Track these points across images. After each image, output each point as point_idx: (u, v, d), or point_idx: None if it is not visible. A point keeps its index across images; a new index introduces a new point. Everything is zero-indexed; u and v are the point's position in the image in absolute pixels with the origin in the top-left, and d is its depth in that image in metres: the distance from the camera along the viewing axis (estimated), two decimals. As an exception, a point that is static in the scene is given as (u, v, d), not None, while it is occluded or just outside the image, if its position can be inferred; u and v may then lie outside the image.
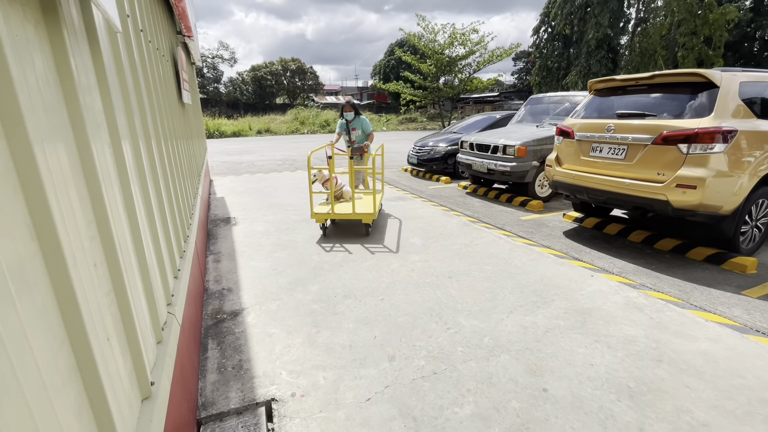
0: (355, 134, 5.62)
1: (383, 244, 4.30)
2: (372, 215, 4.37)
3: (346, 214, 4.38)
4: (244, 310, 2.97)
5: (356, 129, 5.59)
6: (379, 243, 4.35)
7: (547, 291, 3.17)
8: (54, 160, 0.73)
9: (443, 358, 2.35)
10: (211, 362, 2.35)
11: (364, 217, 4.41)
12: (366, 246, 4.25)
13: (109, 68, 1.19)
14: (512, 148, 5.92)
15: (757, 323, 2.73)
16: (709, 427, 1.81)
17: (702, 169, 3.38)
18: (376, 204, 4.44)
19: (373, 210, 4.40)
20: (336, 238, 4.55)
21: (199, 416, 1.94)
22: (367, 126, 5.62)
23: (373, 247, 4.23)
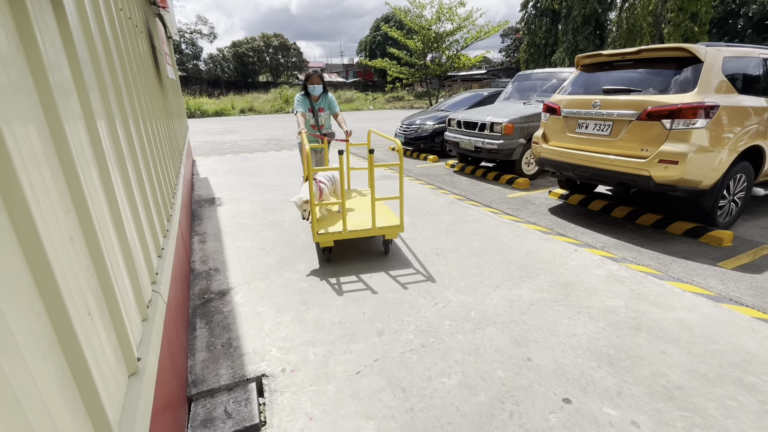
0: (323, 116, 4.30)
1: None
2: (399, 227, 3.27)
3: (364, 230, 3.20)
4: (232, 289, 2.95)
5: (323, 109, 4.24)
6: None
7: (532, 266, 3.24)
8: (20, 129, 0.69)
9: (431, 332, 2.39)
10: (200, 341, 2.35)
11: (388, 232, 3.28)
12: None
13: (79, 40, 1.12)
14: (499, 126, 5.91)
15: (731, 293, 2.85)
16: (683, 389, 1.91)
17: (684, 144, 3.43)
18: (402, 210, 3.28)
19: (399, 221, 3.27)
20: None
21: (190, 393, 1.95)
22: (335, 106, 4.27)
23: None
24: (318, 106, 4.19)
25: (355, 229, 3.17)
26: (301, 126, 3.87)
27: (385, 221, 3.30)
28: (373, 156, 2.82)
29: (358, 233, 3.17)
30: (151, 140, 2.23)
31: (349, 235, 3.13)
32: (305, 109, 4.11)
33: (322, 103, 4.24)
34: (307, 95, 4.13)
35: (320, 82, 4.10)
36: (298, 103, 4.11)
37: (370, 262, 3.34)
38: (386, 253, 3.45)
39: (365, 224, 3.24)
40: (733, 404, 1.81)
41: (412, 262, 3.35)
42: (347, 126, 4.10)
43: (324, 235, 3.11)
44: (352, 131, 4.06)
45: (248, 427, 1.74)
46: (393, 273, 3.14)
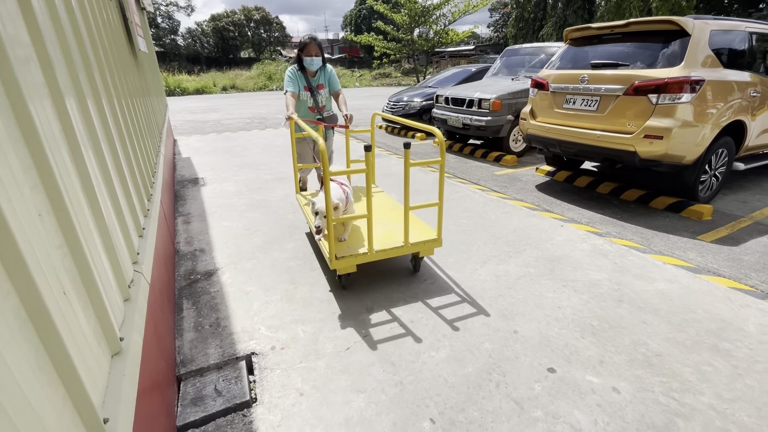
0: (323, 95, 3.43)
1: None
2: (436, 241, 2.60)
3: (394, 248, 2.49)
4: (219, 269, 2.91)
5: (323, 86, 3.41)
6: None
7: (519, 242, 3.27)
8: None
9: (420, 308, 2.41)
10: (188, 321, 2.33)
11: (423, 248, 2.59)
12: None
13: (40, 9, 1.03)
14: (487, 102, 5.85)
15: (709, 264, 2.94)
16: (661, 356, 1.98)
17: (669, 119, 3.45)
18: (441, 219, 2.55)
19: (437, 233, 2.59)
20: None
21: (179, 373, 1.94)
22: (336, 82, 3.48)
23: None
24: (316, 82, 3.38)
25: (383, 248, 2.44)
26: (291, 110, 3.06)
27: (418, 235, 2.60)
28: (410, 152, 2.20)
29: (387, 253, 2.44)
30: (126, 117, 2.13)
31: (377, 257, 2.42)
32: (299, 87, 3.32)
33: (321, 78, 3.40)
34: (302, 70, 3.34)
35: (319, 53, 3.28)
36: (290, 80, 3.28)
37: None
38: (416, 271, 2.79)
39: (394, 240, 2.53)
40: (708, 369, 1.89)
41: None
42: (347, 109, 3.33)
43: (345, 259, 2.36)
44: (353, 116, 3.30)
45: (239, 404, 1.75)
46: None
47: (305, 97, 3.39)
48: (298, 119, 2.91)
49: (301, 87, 3.35)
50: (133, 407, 0.99)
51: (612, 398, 1.74)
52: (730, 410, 1.66)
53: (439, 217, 2.53)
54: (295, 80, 3.32)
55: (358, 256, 2.39)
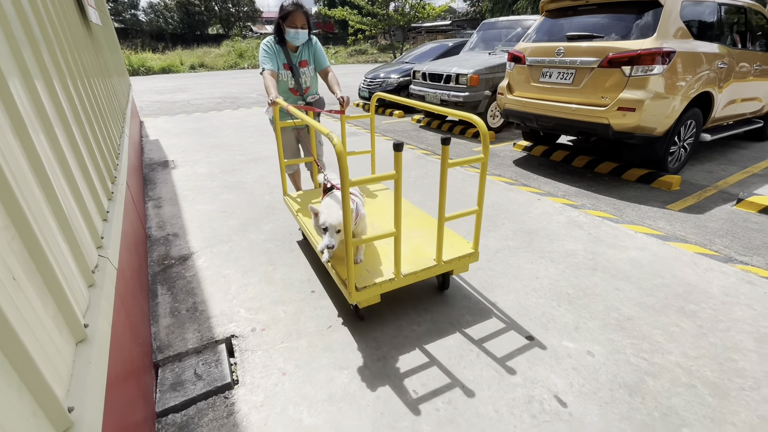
0: (307, 74, 2.88)
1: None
2: (472, 256, 2.15)
3: (426, 270, 2.01)
4: (194, 253, 2.83)
5: (307, 62, 2.85)
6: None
7: (497, 215, 3.31)
8: None
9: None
10: (163, 307, 2.26)
11: (458, 266, 2.13)
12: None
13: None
14: (465, 77, 5.79)
15: (677, 232, 3.05)
16: (633, 320, 2.06)
17: (641, 91, 3.50)
18: (479, 227, 2.10)
19: (473, 246, 2.15)
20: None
21: (156, 359, 1.89)
22: (323, 58, 2.91)
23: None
24: (298, 58, 2.81)
25: (413, 270, 1.97)
26: (274, 93, 2.52)
27: (451, 249, 2.13)
28: (449, 148, 1.73)
29: (417, 276, 1.98)
30: (82, 97, 1.98)
31: (405, 282, 1.95)
32: (278, 65, 2.75)
33: (304, 53, 2.84)
34: (282, 43, 2.76)
35: (306, 24, 2.69)
36: (266, 55, 2.71)
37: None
38: (443, 289, 2.34)
39: (423, 258, 2.07)
40: (675, 330, 1.98)
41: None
42: (341, 90, 2.78)
43: (367, 290, 1.86)
44: (349, 98, 2.78)
45: (220, 387, 1.73)
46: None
47: (285, 76, 2.82)
48: (286, 104, 2.35)
49: (279, 64, 2.77)
50: (102, 394, 0.94)
51: (587, 361, 1.80)
52: (695, 367, 1.76)
53: (477, 227, 2.08)
54: (273, 56, 2.74)
55: (383, 284, 1.89)
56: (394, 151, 1.62)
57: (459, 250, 2.15)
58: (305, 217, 2.55)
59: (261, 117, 7.99)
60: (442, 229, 1.97)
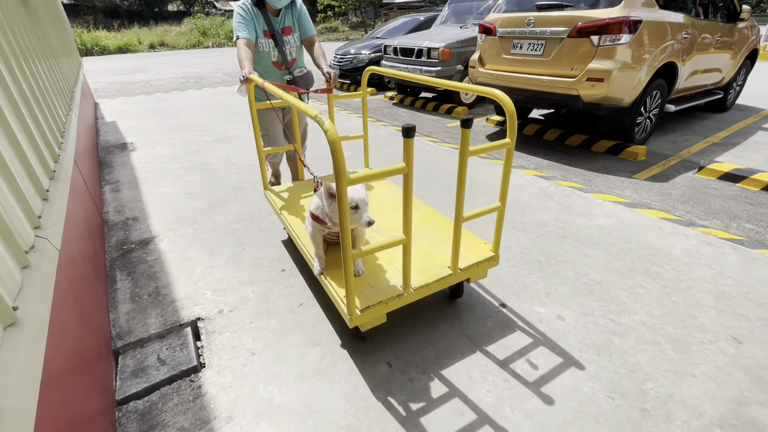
0: (291, 44, 2.46)
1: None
2: (493, 260, 1.83)
3: (439, 280, 1.68)
4: (156, 237, 2.68)
5: (291, 30, 2.44)
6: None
7: (470, 189, 3.29)
8: None
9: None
10: (122, 293, 2.13)
11: (476, 273, 1.80)
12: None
13: None
14: (436, 51, 5.67)
15: (643, 200, 3.13)
16: (601, 284, 2.10)
17: (609, 61, 3.52)
18: (501, 227, 1.77)
19: (493, 247, 1.82)
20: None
21: (115, 346, 1.79)
22: (309, 25, 2.50)
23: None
24: (280, 24, 2.39)
25: (426, 282, 1.65)
26: (248, 68, 2.10)
27: (467, 253, 1.80)
28: (470, 132, 1.41)
29: (430, 288, 1.66)
30: (16, 73, 1.78)
31: (416, 296, 1.63)
32: (257, 32, 2.32)
33: (289, 18, 2.42)
34: (261, 5, 2.34)
35: None
36: (242, 21, 2.28)
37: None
38: (456, 297, 2.02)
39: (436, 266, 1.74)
40: (641, 291, 2.04)
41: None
42: (327, 64, 2.42)
43: (371, 310, 1.53)
44: (337, 74, 2.38)
45: (185, 371, 1.65)
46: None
47: (266, 46, 2.38)
48: (261, 81, 1.91)
49: (259, 32, 2.33)
50: (37, 382, 0.85)
51: (557, 325, 1.83)
52: (659, 324, 1.81)
53: (498, 225, 1.75)
54: (250, 21, 2.29)
55: (390, 301, 1.56)
56: (404, 137, 1.23)
57: (477, 254, 1.79)
58: (292, 216, 2.17)
59: (227, 96, 7.63)
60: (459, 232, 1.61)
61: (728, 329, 1.78)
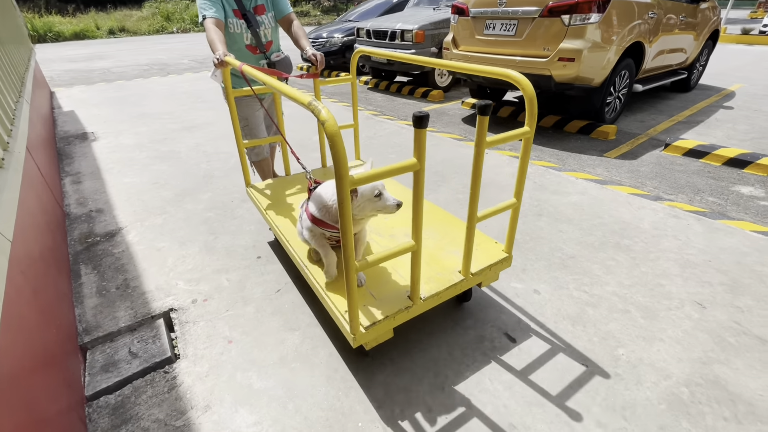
0: (266, 24, 2.22)
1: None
2: (506, 261, 1.70)
3: (451, 287, 1.52)
4: (123, 229, 2.56)
5: (265, 8, 2.21)
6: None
7: (446, 171, 3.30)
8: None
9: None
10: (88, 287, 2.03)
11: (488, 276, 1.66)
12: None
13: None
14: (410, 33, 5.59)
15: (613, 177, 3.22)
16: (575, 258, 2.16)
17: (580, 40, 3.55)
18: (515, 225, 1.69)
19: (506, 248, 1.70)
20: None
21: (82, 342, 1.71)
22: (284, 3, 2.29)
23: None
24: (253, 2, 2.15)
25: (436, 290, 1.49)
26: (222, 49, 1.85)
27: (479, 256, 1.64)
28: (487, 120, 1.24)
29: (440, 297, 1.50)
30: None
31: (424, 308, 1.48)
32: (225, 11, 2.07)
33: None
34: None
35: None
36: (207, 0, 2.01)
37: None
38: (464, 301, 1.87)
39: (444, 271, 1.58)
40: (612, 263, 2.10)
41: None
42: (311, 47, 2.20)
43: (377, 326, 1.36)
44: (323, 56, 2.19)
45: (159, 362, 1.59)
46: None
47: (237, 27, 2.11)
48: (239, 63, 1.67)
49: (228, 10, 2.07)
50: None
51: (533, 299, 1.87)
52: (629, 294, 1.88)
53: (512, 223, 1.64)
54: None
55: (398, 315, 1.40)
56: (416, 127, 1.05)
57: (488, 256, 1.65)
58: (280, 216, 1.98)
59: (194, 83, 7.32)
60: (473, 233, 1.46)
61: (693, 295, 1.86)
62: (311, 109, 1.01)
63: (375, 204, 1.35)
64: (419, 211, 1.21)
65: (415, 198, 1.19)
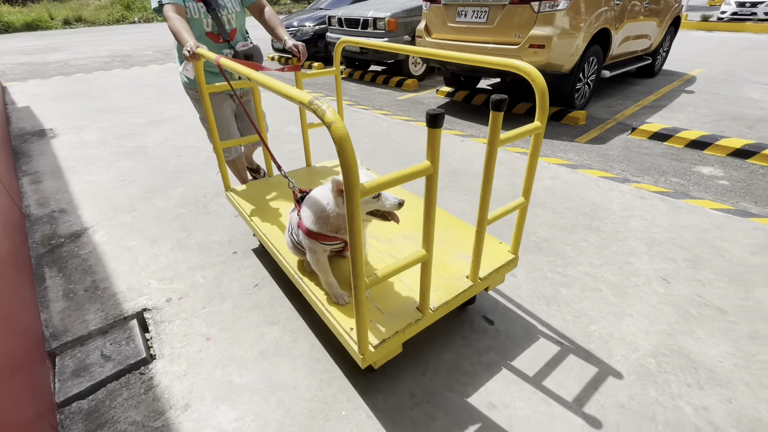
0: (228, 9, 1.98)
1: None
2: (512, 263, 1.63)
3: (460, 294, 1.43)
4: (89, 229, 2.45)
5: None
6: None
7: (423, 159, 3.30)
8: None
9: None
10: (54, 291, 1.94)
11: (496, 279, 1.59)
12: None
13: None
14: (382, 21, 5.54)
15: (584, 161, 3.31)
16: (548, 240, 2.22)
17: (549, 27, 3.61)
18: (523, 225, 1.59)
19: (513, 249, 1.63)
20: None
21: (50, 347, 1.63)
22: None
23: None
24: None
25: (445, 300, 1.39)
26: (191, 40, 1.66)
27: (486, 259, 1.53)
28: (502, 115, 1.16)
29: (449, 305, 1.41)
30: None
31: (434, 318, 1.38)
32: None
33: None
34: None
35: None
36: None
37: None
38: (469, 305, 1.79)
39: (452, 278, 1.49)
40: (584, 244, 2.17)
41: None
42: (290, 37, 2.03)
43: (386, 344, 1.27)
44: (305, 46, 2.02)
45: (134, 364, 1.55)
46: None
47: (195, 11, 1.88)
48: (216, 56, 1.51)
49: None
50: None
51: (509, 282, 1.91)
52: (600, 273, 1.95)
53: (519, 223, 1.56)
54: None
55: (408, 329, 1.31)
56: (429, 126, 0.98)
57: (494, 258, 1.57)
58: (266, 222, 1.84)
59: (159, 75, 7.02)
60: (483, 237, 1.37)
61: (659, 271, 1.95)
62: (313, 109, 0.88)
63: (373, 205, 1.22)
64: (431, 219, 1.12)
65: (428, 204, 1.09)
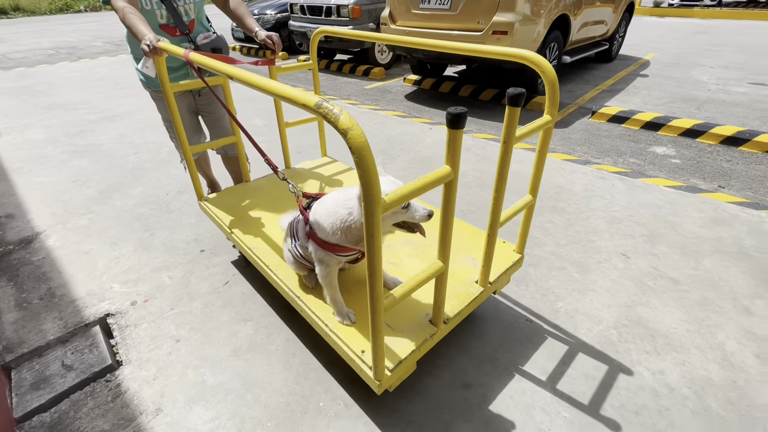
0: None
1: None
2: (519, 262, 1.58)
3: (472, 302, 1.36)
4: (41, 234, 2.30)
5: None
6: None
7: (393, 148, 3.31)
8: None
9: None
10: (4, 301, 1.81)
11: (503, 281, 1.51)
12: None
13: None
14: (346, 9, 5.43)
15: (551, 145, 3.41)
16: (517, 223, 2.28)
17: (511, 14, 3.66)
18: (529, 224, 1.55)
19: (518, 248, 1.60)
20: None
21: (4, 361, 1.53)
22: None
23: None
24: None
25: (459, 310, 1.31)
26: (149, 33, 1.46)
27: (495, 263, 1.46)
28: (519, 111, 1.07)
29: (462, 315, 1.34)
30: None
31: (446, 330, 1.30)
32: None
33: None
34: None
35: None
36: None
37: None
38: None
39: (461, 284, 1.41)
40: (549, 225, 2.25)
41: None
42: (261, 28, 1.86)
43: (405, 362, 1.16)
44: (279, 37, 1.84)
45: (99, 372, 1.48)
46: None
47: (148, 3, 1.66)
48: (183, 50, 1.36)
49: None
50: None
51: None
52: (565, 252, 2.03)
53: (525, 222, 1.51)
54: None
55: (423, 345, 1.21)
56: (450, 128, 0.87)
57: (501, 259, 1.51)
58: (249, 235, 1.67)
59: (111, 67, 6.62)
60: (494, 240, 1.31)
61: (618, 247, 2.05)
62: (323, 113, 0.74)
63: (401, 216, 1.08)
64: (449, 228, 1.02)
65: (445, 212, 1.00)
